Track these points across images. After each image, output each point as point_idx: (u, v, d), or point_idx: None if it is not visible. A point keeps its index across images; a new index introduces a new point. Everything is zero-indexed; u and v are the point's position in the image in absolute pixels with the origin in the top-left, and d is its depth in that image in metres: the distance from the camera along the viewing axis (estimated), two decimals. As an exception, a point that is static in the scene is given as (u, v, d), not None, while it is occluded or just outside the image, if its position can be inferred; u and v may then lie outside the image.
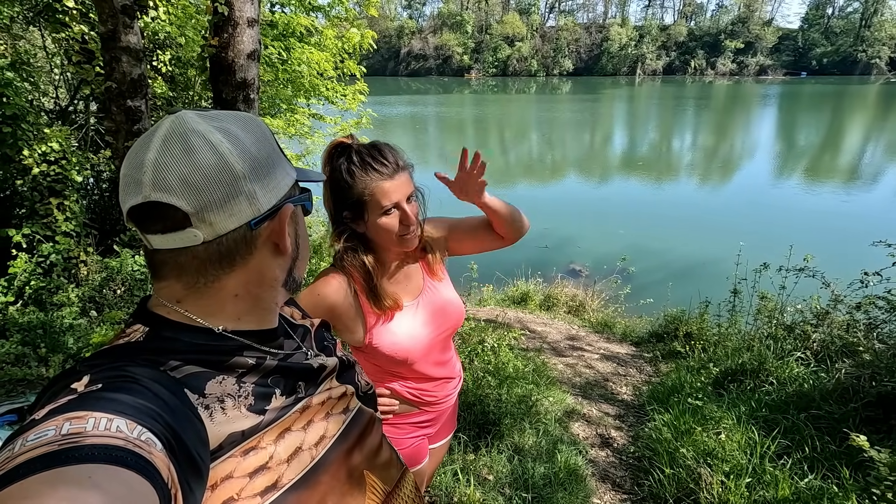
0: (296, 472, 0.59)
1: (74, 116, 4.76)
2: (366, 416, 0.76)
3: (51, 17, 3.94)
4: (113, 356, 0.54)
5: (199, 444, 0.50)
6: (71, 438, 0.39)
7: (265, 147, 0.60)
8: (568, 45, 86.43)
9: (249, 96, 2.25)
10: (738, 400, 3.06)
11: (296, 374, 0.65)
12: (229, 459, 0.54)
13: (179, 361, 0.56)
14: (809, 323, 3.86)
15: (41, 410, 0.44)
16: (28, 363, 2.95)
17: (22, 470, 0.36)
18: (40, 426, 0.41)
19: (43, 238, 3.64)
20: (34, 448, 0.38)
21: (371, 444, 0.74)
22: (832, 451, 2.40)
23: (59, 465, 0.36)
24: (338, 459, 0.66)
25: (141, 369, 0.52)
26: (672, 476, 2.32)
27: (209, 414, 0.54)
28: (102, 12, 1.66)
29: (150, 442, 0.43)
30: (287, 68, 4.68)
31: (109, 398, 0.45)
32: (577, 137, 24.88)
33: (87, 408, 0.43)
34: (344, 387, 0.74)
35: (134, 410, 0.45)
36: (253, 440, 0.56)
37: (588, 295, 6.34)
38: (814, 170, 15.51)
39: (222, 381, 0.58)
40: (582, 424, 3.22)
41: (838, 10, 76.70)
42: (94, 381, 0.48)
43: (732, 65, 76.14)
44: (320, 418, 0.66)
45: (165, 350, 0.56)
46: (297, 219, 0.67)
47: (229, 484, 0.53)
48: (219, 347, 0.59)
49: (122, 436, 0.41)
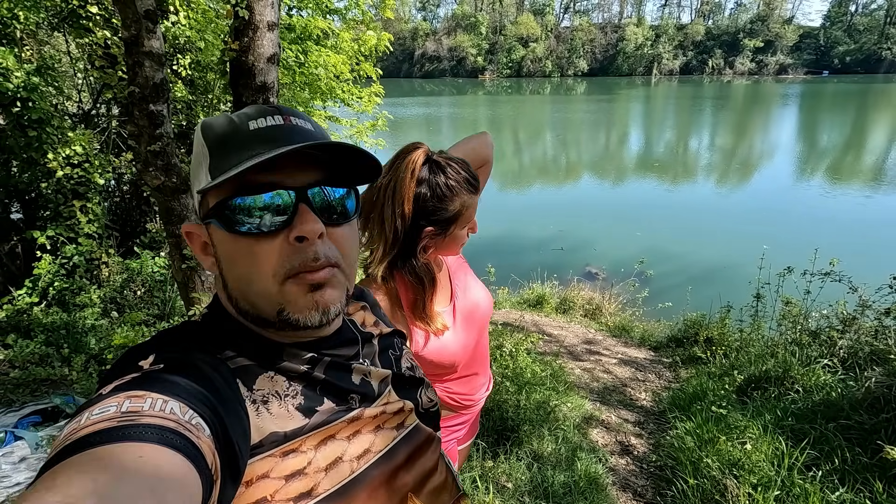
0: (332, 483, 0.57)
1: (97, 120, 4.85)
2: (422, 435, 0.71)
3: (75, 22, 4.01)
4: (176, 336, 0.57)
5: (241, 437, 0.51)
6: (129, 416, 0.41)
7: (193, 156, 0.62)
8: (583, 45, 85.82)
9: (269, 100, 2.26)
10: (762, 408, 2.98)
11: (339, 387, 0.63)
12: (267, 458, 0.54)
13: (234, 352, 0.58)
14: (836, 329, 3.75)
15: (108, 385, 0.47)
16: (51, 363, 3.01)
17: (83, 442, 0.38)
18: (105, 401, 0.43)
19: (66, 240, 3.71)
20: (96, 422, 0.40)
21: (423, 465, 0.69)
22: (863, 464, 2.31)
23: (116, 441, 0.38)
24: (380, 477, 0.62)
25: (201, 355, 0.55)
26: (696, 487, 2.26)
27: (255, 409, 0.55)
28: (126, 17, 1.67)
29: (199, 427, 0.45)
30: (304, 71, 4.71)
31: (167, 380, 0.47)
32: (592, 138, 24.68)
33: (147, 387, 0.45)
34: (402, 402, 0.70)
35: (188, 395, 0.47)
36: (294, 443, 0.56)
37: (605, 298, 6.26)
38: (837, 171, 15.13)
39: (273, 378, 0.59)
40: (601, 431, 3.16)
41: (861, 6, 74.91)
42: (157, 360, 0.51)
43: (751, 64, 74.80)
44: (368, 431, 0.64)
45: (222, 338, 0.59)
46: (214, 239, 0.59)
47: (264, 484, 0.53)
48: (268, 345, 0.60)
49: (174, 418, 0.43)
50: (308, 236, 0.56)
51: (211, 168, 0.57)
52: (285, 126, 0.58)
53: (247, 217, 0.55)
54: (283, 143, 0.55)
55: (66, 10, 3.98)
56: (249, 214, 0.55)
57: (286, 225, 0.56)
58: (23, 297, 3.50)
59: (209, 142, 0.59)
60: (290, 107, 0.63)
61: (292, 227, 0.56)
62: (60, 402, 2.20)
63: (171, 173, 1.91)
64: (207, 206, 0.58)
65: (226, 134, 0.58)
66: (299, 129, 0.59)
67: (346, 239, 0.62)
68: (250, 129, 0.57)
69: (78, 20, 3.93)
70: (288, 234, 0.56)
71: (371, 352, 0.73)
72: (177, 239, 2.04)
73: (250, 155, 0.55)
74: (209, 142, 0.59)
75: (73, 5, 3.86)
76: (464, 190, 1.09)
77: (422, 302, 1.14)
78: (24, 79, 3.32)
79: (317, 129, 0.62)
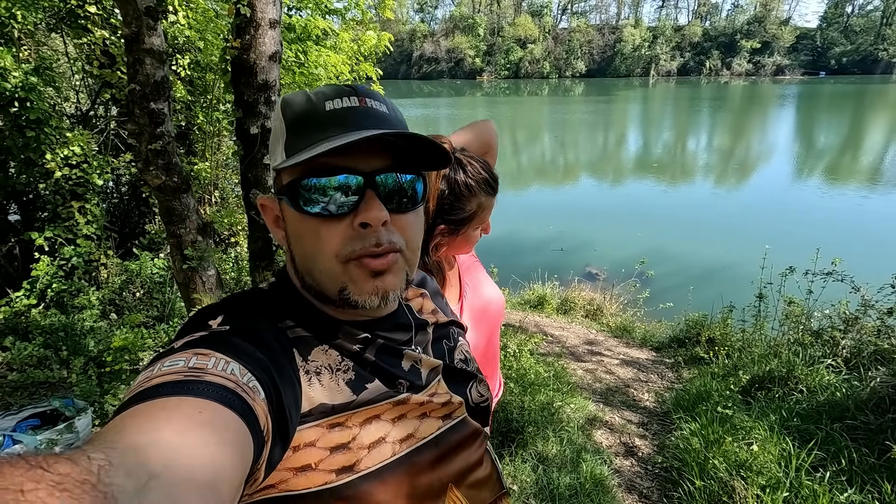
0: (374, 462, 0.58)
1: (95, 121, 4.82)
2: (469, 428, 0.71)
3: (73, 22, 3.99)
4: (244, 301, 0.62)
5: (293, 404, 0.53)
6: (194, 372, 0.44)
7: (274, 126, 0.64)
8: (580, 46, 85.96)
9: (270, 98, 2.23)
10: (766, 408, 2.96)
11: (388, 371, 0.64)
12: (315, 428, 0.56)
13: (293, 323, 0.61)
14: (838, 329, 3.74)
15: (180, 340, 0.52)
16: (50, 366, 2.97)
17: (154, 391, 0.42)
18: (175, 355, 0.47)
19: (65, 241, 3.68)
20: (166, 374, 0.44)
21: (467, 458, 0.69)
22: (871, 464, 2.30)
23: (181, 395, 0.42)
24: (421, 463, 0.62)
25: (263, 322, 0.58)
26: (703, 488, 2.24)
27: (308, 379, 0.58)
28: (126, 14, 1.65)
29: (255, 389, 0.47)
30: (304, 71, 4.69)
31: (231, 342, 0.51)
32: (590, 139, 24.69)
33: (212, 347, 0.49)
34: (450, 394, 0.70)
35: (248, 358, 0.50)
36: (341, 416, 0.58)
37: (606, 299, 6.25)
38: (834, 171, 15.16)
39: (327, 351, 0.61)
40: (605, 432, 3.14)
41: (858, 8, 75.22)
42: (224, 321, 0.55)
43: (749, 65, 75.01)
44: (414, 416, 0.64)
45: (284, 308, 0.62)
46: (285, 215, 0.62)
47: (310, 451, 0.55)
48: (326, 320, 0.63)
49: (234, 379, 0.46)
50: (372, 223, 0.57)
51: (286, 146, 0.59)
52: (360, 108, 0.59)
53: (315, 198, 0.57)
54: (358, 127, 0.57)
55: (63, 9, 3.95)
56: (318, 196, 0.57)
57: (352, 209, 0.58)
58: (20, 299, 3.47)
59: (287, 119, 0.60)
60: (366, 87, 0.63)
61: (357, 213, 0.58)
62: (59, 405, 2.17)
63: (173, 172, 1.88)
64: (281, 183, 0.61)
65: (303, 113, 0.59)
66: (374, 111, 0.60)
67: (410, 225, 0.63)
68: (326, 110, 0.58)
69: (76, 20, 3.90)
70: (353, 219, 0.58)
71: (424, 339, 0.73)
72: (178, 239, 2.01)
73: (324, 137, 0.56)
74: (287, 119, 0.60)
75: (71, 5, 3.83)
76: (482, 191, 1.07)
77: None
78: (21, 79, 3.29)
79: (391, 112, 0.62)
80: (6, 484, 0.25)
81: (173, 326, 3.89)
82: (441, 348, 0.75)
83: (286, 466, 0.53)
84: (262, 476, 0.49)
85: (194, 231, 2.02)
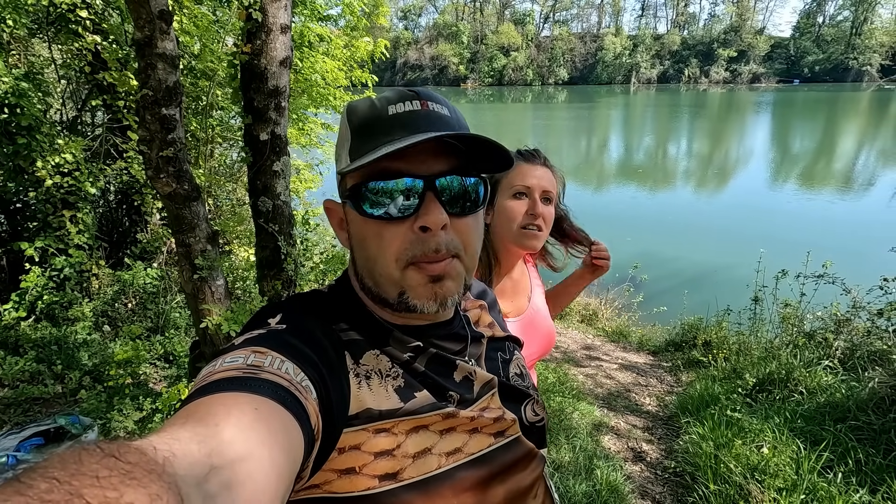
0: (418, 472, 0.57)
1: (81, 128, 4.69)
2: (523, 449, 0.68)
3: (63, 27, 3.88)
4: (304, 302, 0.64)
5: (341, 405, 0.54)
6: (252, 370, 0.46)
7: (340, 132, 0.65)
8: (563, 54, 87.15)
9: (281, 104, 2.19)
10: (770, 411, 3.00)
11: (438, 382, 0.63)
12: (361, 431, 0.55)
13: (348, 325, 0.62)
14: (830, 330, 3.82)
15: (240, 337, 0.54)
16: (44, 381, 2.86)
17: (214, 386, 0.44)
18: (235, 352, 0.49)
19: (56, 251, 3.56)
20: (226, 370, 0.46)
21: (519, 482, 0.66)
22: (878, 464, 2.33)
23: (239, 390, 0.43)
24: (468, 480, 0.60)
25: (318, 322, 0.60)
26: (718, 492, 2.25)
27: (358, 382, 0.58)
28: (139, 18, 1.60)
29: (308, 389, 0.48)
30: (300, 77, 4.64)
31: (287, 342, 0.52)
32: (574, 145, 24.97)
33: (269, 345, 0.50)
34: (502, 409, 0.68)
35: (302, 358, 0.51)
36: (388, 423, 0.57)
37: (601, 303, 6.28)
38: (809, 175, 15.58)
39: (378, 356, 0.61)
40: (612, 438, 3.14)
41: (829, 18, 77.70)
42: (282, 320, 0.57)
43: (726, 73, 76.87)
44: (463, 430, 0.62)
45: (340, 311, 0.63)
46: (349, 218, 0.63)
47: (355, 455, 0.55)
48: (379, 326, 0.63)
49: (288, 378, 0.47)
50: (431, 227, 0.57)
51: (351, 150, 0.60)
52: (422, 111, 0.59)
53: (376, 202, 0.58)
54: (420, 130, 0.57)
55: (53, 14, 3.85)
56: (379, 199, 0.58)
57: (412, 213, 0.58)
58: (9, 312, 3.34)
59: (352, 125, 0.61)
60: (428, 91, 0.63)
61: (417, 217, 0.58)
62: (65, 422, 2.08)
63: (183, 180, 1.83)
64: (346, 187, 0.62)
65: (367, 118, 0.60)
66: (436, 114, 0.60)
67: (470, 229, 0.62)
68: (389, 114, 0.58)
69: (67, 24, 3.80)
70: (413, 223, 0.58)
71: (477, 352, 0.72)
72: (187, 248, 1.96)
73: (387, 140, 0.57)
74: (352, 125, 0.61)
75: (61, 10, 3.73)
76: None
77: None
78: (12, 84, 3.19)
79: (453, 115, 0.62)
80: (84, 470, 0.26)
81: (168, 338, 3.79)
82: (495, 363, 0.73)
83: (331, 468, 0.54)
84: (308, 475, 0.50)
85: (204, 240, 1.97)
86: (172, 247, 4.55)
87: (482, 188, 0.63)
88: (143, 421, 2.14)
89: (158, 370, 3.35)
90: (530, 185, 1.07)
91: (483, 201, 0.64)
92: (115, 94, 3.91)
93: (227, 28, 3.60)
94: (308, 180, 5.82)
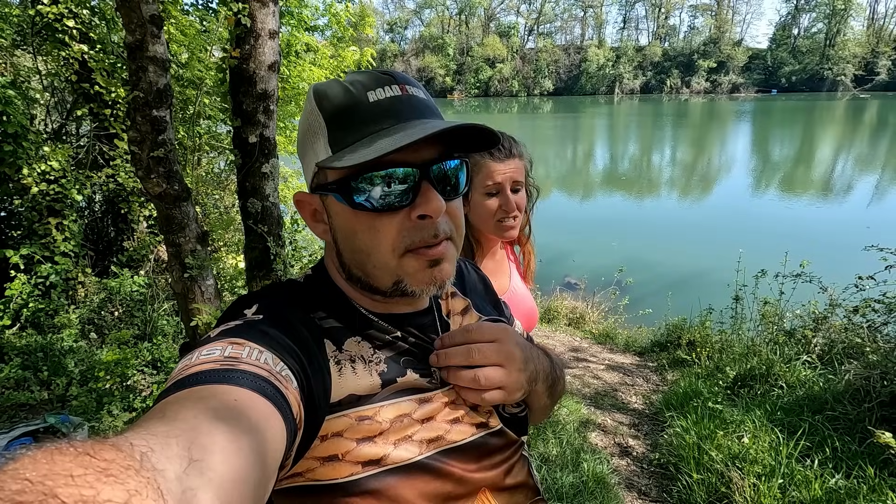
0: (400, 459, 0.57)
1: (66, 138, 4.68)
2: (503, 438, 0.69)
3: (49, 36, 3.90)
4: (279, 291, 0.63)
5: (322, 393, 0.54)
6: (230, 361, 0.46)
7: (302, 123, 0.64)
8: (548, 65, 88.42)
9: (269, 107, 2.24)
10: (751, 404, 3.08)
11: (417, 367, 0.64)
12: (343, 418, 0.56)
13: (326, 313, 0.62)
14: (809, 328, 3.93)
15: (217, 329, 0.53)
16: (29, 387, 2.84)
17: (192, 379, 0.44)
18: (211, 344, 0.49)
19: (42, 259, 3.54)
20: (203, 363, 0.46)
21: (501, 466, 0.67)
22: (853, 451, 2.41)
23: (217, 382, 0.43)
24: (450, 466, 0.60)
25: (296, 311, 0.59)
26: (701, 481, 2.31)
27: (339, 370, 0.58)
28: (130, 22, 1.65)
29: (288, 378, 0.48)
30: (287, 85, 4.70)
31: (264, 332, 0.52)
32: (560, 154, 25.29)
33: (247, 336, 0.50)
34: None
35: (280, 347, 0.51)
36: (369, 409, 0.57)
37: (588, 307, 6.37)
38: (789, 182, 15.97)
39: (360, 343, 0.61)
40: (599, 434, 3.19)
41: (803, 30, 79.95)
42: (259, 311, 0.56)
43: (706, 83, 78.51)
44: (444, 420, 0.63)
45: (318, 299, 0.63)
46: (332, 210, 0.60)
47: (338, 442, 0.55)
48: (357, 314, 0.63)
49: (267, 368, 0.47)
50: (432, 215, 0.57)
51: (331, 141, 0.57)
52: (404, 97, 0.58)
53: (370, 193, 0.56)
54: (407, 118, 0.56)
55: (40, 23, 3.86)
56: (372, 190, 0.56)
57: (409, 202, 0.57)
58: (-7, 320, 3.31)
59: (325, 112, 0.58)
60: (402, 73, 0.63)
61: (415, 205, 0.57)
62: (55, 422, 2.07)
63: (174, 180, 1.86)
64: (325, 178, 0.59)
65: (344, 105, 0.57)
66: (416, 99, 0.59)
67: (459, 212, 0.63)
68: (370, 101, 0.57)
69: (53, 34, 3.82)
70: (410, 212, 0.57)
71: None
72: (177, 248, 1.98)
73: (377, 130, 0.55)
74: (325, 112, 0.58)
75: (48, 19, 3.75)
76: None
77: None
78: (-2, 92, 3.20)
79: (427, 97, 0.63)
80: (57, 469, 0.26)
81: (156, 345, 3.77)
82: None
83: (314, 455, 0.54)
84: (290, 464, 0.50)
85: (193, 240, 2.00)
86: (159, 255, 4.55)
87: (465, 171, 0.63)
88: (133, 421, 2.15)
89: (146, 376, 3.34)
90: (500, 181, 1.13)
91: (467, 182, 0.64)
92: (102, 103, 3.92)
93: (213, 37, 3.64)
94: (296, 187, 5.86)
